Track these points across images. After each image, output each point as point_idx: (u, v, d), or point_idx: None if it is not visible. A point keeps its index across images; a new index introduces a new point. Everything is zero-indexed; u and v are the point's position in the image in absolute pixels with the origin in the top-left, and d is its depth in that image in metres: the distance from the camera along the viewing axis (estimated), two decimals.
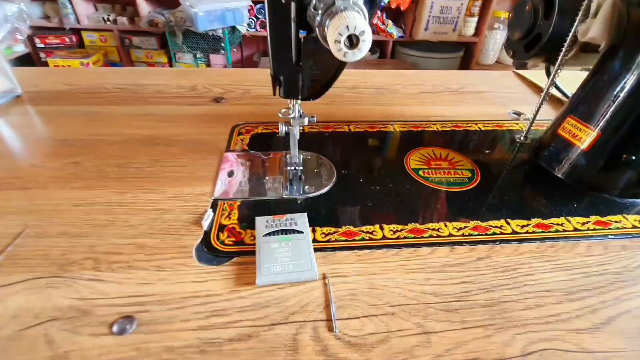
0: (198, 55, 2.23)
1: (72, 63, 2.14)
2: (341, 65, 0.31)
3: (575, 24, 0.41)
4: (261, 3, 2.19)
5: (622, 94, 0.39)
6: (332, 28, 0.23)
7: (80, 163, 0.43)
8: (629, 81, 0.38)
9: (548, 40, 0.43)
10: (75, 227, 0.34)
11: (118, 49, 2.39)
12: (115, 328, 0.26)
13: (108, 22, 2.28)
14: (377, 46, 2.41)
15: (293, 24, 0.28)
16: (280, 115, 0.36)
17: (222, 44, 2.07)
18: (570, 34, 0.41)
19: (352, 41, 0.23)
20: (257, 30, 2.28)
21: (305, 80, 0.32)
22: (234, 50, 2.31)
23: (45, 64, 2.26)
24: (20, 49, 2.25)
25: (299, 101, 0.35)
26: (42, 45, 2.34)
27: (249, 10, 2.13)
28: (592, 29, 0.39)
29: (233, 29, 2.09)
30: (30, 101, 0.57)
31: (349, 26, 0.22)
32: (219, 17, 1.93)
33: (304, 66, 0.31)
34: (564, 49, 0.43)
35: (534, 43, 0.45)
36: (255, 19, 2.25)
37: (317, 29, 0.26)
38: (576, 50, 0.43)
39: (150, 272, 0.30)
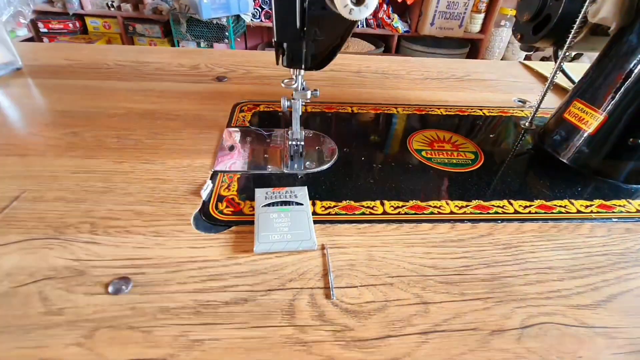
0: (202, 44, 2.22)
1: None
2: (346, 30, 0.31)
3: (586, 4, 0.40)
4: None
5: (631, 77, 0.38)
6: None
7: (78, 133, 0.42)
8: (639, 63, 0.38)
9: (557, 22, 0.42)
10: (72, 192, 0.34)
11: (121, 36, 2.38)
12: (110, 288, 0.25)
13: (112, 9, 2.27)
14: (382, 40, 2.39)
15: None
16: (283, 85, 0.35)
17: (226, 33, 2.05)
18: (581, 15, 0.41)
19: None
20: (261, 20, 2.26)
21: (309, 47, 0.31)
22: (238, 40, 2.30)
23: None
24: (24, 32, 2.24)
25: (302, 72, 0.35)
26: (46, 30, 2.33)
27: (254, 0, 2.12)
28: (603, 9, 0.39)
29: (237, 18, 2.08)
30: (31, 74, 0.57)
31: None
32: (224, 5, 1.92)
33: (308, 31, 0.30)
34: (573, 31, 0.42)
35: (543, 25, 0.44)
36: (260, 9, 2.23)
37: None
38: (586, 32, 0.43)
39: (148, 237, 0.29)
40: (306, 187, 0.35)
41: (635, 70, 0.38)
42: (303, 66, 0.33)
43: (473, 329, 0.25)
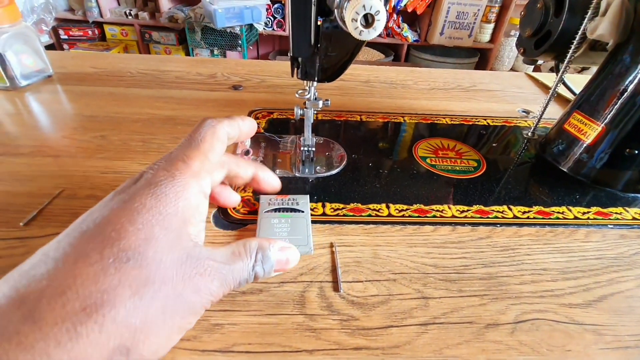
0: (215, 52, 2.28)
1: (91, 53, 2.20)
2: (356, 47, 0.33)
3: (585, 21, 0.42)
4: (279, 2, 2.23)
5: (628, 90, 0.40)
6: (350, 8, 0.25)
7: (106, 137, 0.46)
8: (636, 77, 0.40)
9: (557, 37, 0.45)
10: (103, 191, 0.37)
11: (138, 43, 2.46)
12: None
13: (130, 17, 2.35)
14: (392, 49, 2.43)
15: (313, 7, 0.30)
16: (297, 95, 0.38)
17: (239, 41, 2.11)
18: (580, 32, 0.43)
19: (368, 20, 0.25)
20: (273, 29, 2.32)
21: (322, 62, 0.34)
22: (251, 48, 2.35)
23: None
24: (45, 39, 2.33)
25: (315, 83, 0.38)
26: (66, 37, 2.42)
27: (267, 9, 2.17)
28: (601, 26, 0.41)
29: (250, 26, 2.13)
30: (60, 81, 0.61)
31: (365, 6, 0.24)
32: (237, 15, 1.97)
33: (322, 48, 0.33)
34: (573, 46, 0.44)
35: (544, 40, 0.47)
36: (272, 18, 2.29)
37: (335, 11, 0.28)
38: (585, 47, 0.45)
39: None
40: (308, 195, 0.37)
41: (633, 83, 0.40)
42: (316, 78, 0.36)
43: (469, 322, 0.27)
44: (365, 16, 0.25)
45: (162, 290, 0.19)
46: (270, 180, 0.31)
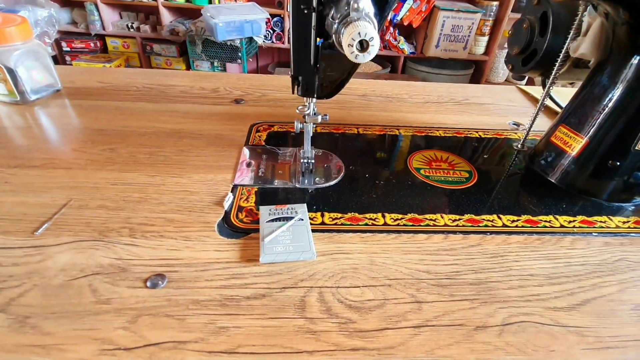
0: (215, 64, 2.32)
1: (95, 67, 2.24)
2: (353, 68, 0.36)
3: (568, 41, 0.45)
4: (278, 16, 2.28)
5: (609, 105, 0.43)
6: (347, 34, 0.27)
7: (115, 149, 0.48)
8: (616, 93, 0.42)
9: (543, 56, 0.47)
10: (113, 202, 0.39)
11: (139, 55, 2.50)
12: (149, 283, 0.30)
13: (131, 30, 2.39)
14: (389, 61, 2.47)
15: (313, 31, 0.33)
16: (297, 111, 0.40)
17: (239, 54, 2.15)
18: (563, 50, 0.45)
19: (363, 46, 0.27)
20: (272, 42, 2.36)
21: (321, 80, 0.36)
22: (250, 60, 2.39)
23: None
24: (48, 51, 2.36)
25: (315, 100, 0.40)
26: (68, 49, 2.45)
27: (266, 23, 2.22)
28: (582, 46, 0.44)
29: (250, 39, 2.18)
30: (68, 95, 0.63)
31: (360, 33, 0.26)
32: (238, 28, 2.02)
33: (320, 68, 0.35)
34: (557, 64, 0.47)
35: (531, 58, 0.49)
36: (271, 31, 2.33)
37: (333, 36, 0.30)
38: (569, 65, 0.47)
39: (179, 241, 0.34)
40: (305, 204, 0.39)
41: (613, 99, 0.43)
42: (315, 95, 0.38)
43: (460, 324, 0.29)
44: (361, 42, 0.27)
45: None
46: None
